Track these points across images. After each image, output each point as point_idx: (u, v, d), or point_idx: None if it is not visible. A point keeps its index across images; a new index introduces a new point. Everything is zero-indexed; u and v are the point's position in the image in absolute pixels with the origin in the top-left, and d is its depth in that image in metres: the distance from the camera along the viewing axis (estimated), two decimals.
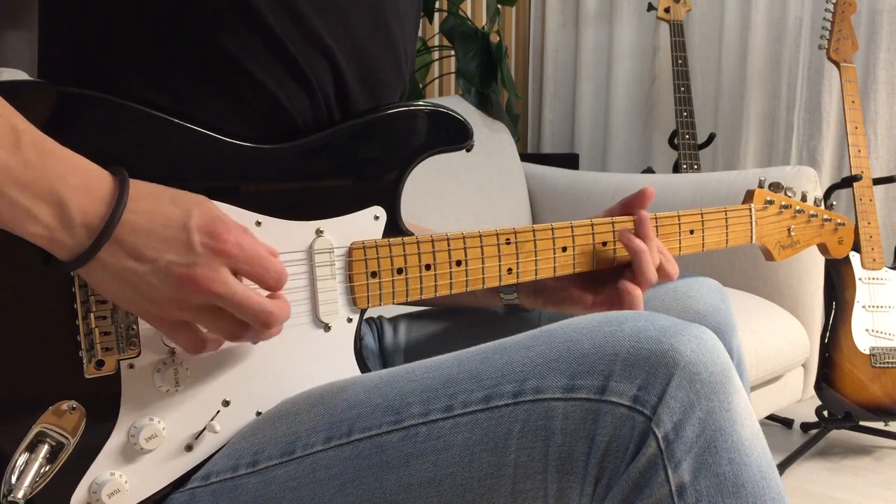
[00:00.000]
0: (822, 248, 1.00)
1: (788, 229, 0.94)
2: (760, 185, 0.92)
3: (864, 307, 1.82)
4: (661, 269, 0.79)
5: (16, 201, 0.50)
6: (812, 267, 1.65)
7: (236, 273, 0.56)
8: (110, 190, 0.54)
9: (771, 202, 0.91)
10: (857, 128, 1.89)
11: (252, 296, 0.56)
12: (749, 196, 0.91)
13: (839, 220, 0.99)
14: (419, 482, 0.56)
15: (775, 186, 0.92)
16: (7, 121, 0.51)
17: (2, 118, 0.51)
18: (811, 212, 0.96)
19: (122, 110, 0.60)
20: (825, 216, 0.97)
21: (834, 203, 1.00)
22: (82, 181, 0.53)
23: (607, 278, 0.80)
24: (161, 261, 0.54)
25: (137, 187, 0.55)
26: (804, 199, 0.97)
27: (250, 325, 0.58)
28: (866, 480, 1.77)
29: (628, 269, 0.78)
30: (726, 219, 0.86)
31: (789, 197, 0.94)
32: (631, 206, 0.81)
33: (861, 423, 1.87)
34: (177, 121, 0.61)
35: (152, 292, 0.54)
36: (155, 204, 0.55)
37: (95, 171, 0.54)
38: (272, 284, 0.58)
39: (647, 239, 0.78)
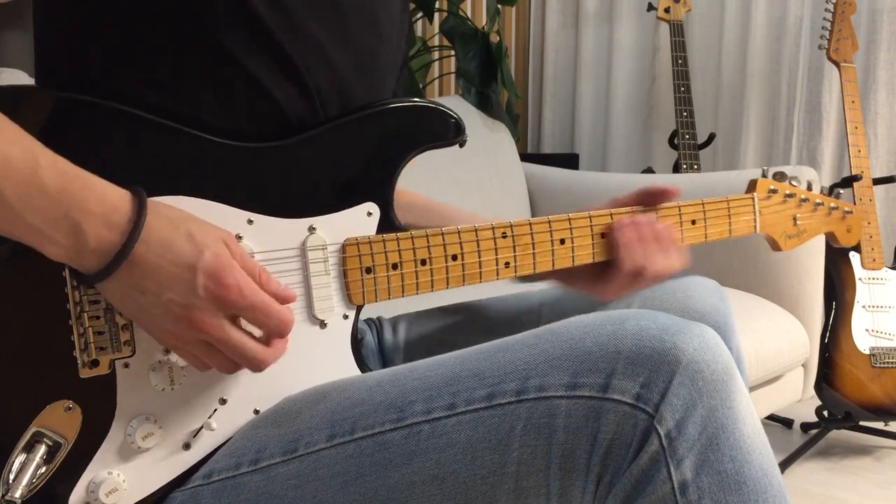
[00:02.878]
0: (831, 237, 0.98)
1: (794, 218, 0.92)
2: (764, 175, 0.91)
3: (864, 307, 1.82)
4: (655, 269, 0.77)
5: (33, 226, 0.52)
6: (812, 267, 1.65)
7: (237, 318, 0.57)
8: (127, 217, 0.54)
9: (774, 191, 0.90)
10: (857, 128, 1.89)
11: (246, 342, 0.57)
12: (752, 186, 0.89)
13: (846, 209, 0.97)
14: (422, 480, 0.56)
15: (779, 176, 0.91)
16: (23, 145, 0.52)
17: (18, 144, 0.52)
18: (817, 200, 0.94)
19: (115, 114, 0.60)
20: (832, 204, 0.96)
21: (841, 192, 0.98)
22: (100, 207, 0.54)
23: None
24: (162, 297, 0.55)
25: (155, 214, 0.56)
26: (810, 188, 0.95)
27: None
28: (866, 480, 1.77)
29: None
30: (728, 208, 0.85)
31: (794, 186, 0.93)
32: (651, 196, 0.81)
33: (861, 423, 1.87)
34: (169, 122, 0.61)
35: (153, 320, 0.56)
36: (170, 235, 0.55)
37: (114, 195, 0.55)
38: (274, 332, 0.59)
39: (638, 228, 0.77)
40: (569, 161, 2.45)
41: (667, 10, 2.20)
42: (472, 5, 2.58)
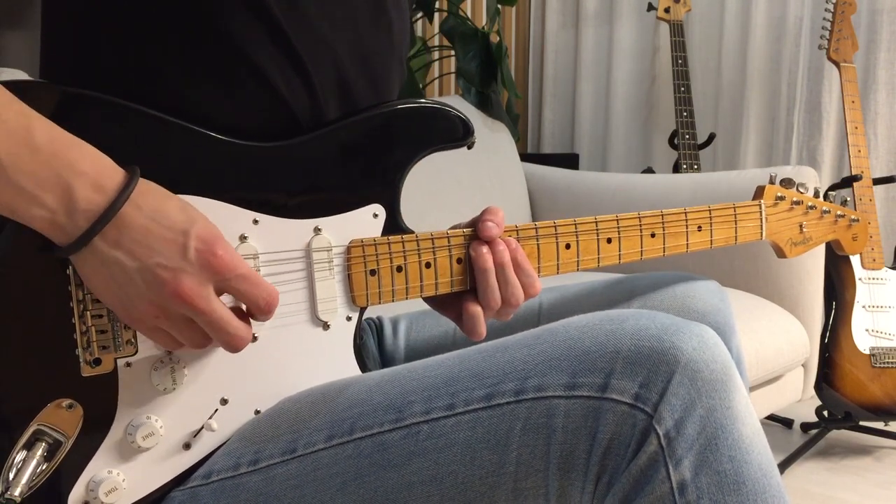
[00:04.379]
0: (836, 245, 0.98)
1: (800, 226, 0.92)
2: (771, 181, 0.90)
3: (864, 307, 1.82)
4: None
5: (22, 188, 0.51)
6: (812, 267, 1.65)
7: (222, 292, 0.56)
8: (119, 182, 0.54)
9: (782, 198, 0.90)
10: (857, 128, 1.89)
11: (230, 319, 0.56)
12: (759, 192, 0.89)
13: (853, 217, 0.97)
14: (421, 480, 0.56)
15: (787, 182, 0.91)
16: (18, 110, 0.52)
17: (10, 106, 0.52)
18: (824, 208, 0.94)
19: (121, 110, 0.60)
20: (838, 212, 0.96)
21: (848, 199, 0.98)
22: (92, 169, 0.53)
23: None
24: (150, 261, 0.54)
25: (148, 185, 0.55)
26: (817, 195, 0.95)
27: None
28: (866, 480, 1.77)
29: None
30: (735, 215, 0.85)
31: (801, 193, 0.92)
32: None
33: (861, 423, 1.87)
34: (174, 119, 0.61)
35: (134, 292, 0.54)
36: (162, 203, 0.55)
37: (107, 162, 0.55)
38: (262, 305, 0.58)
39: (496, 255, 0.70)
40: (569, 161, 2.45)
41: (667, 10, 2.20)
42: (472, 5, 2.58)
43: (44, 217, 0.52)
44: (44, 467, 0.57)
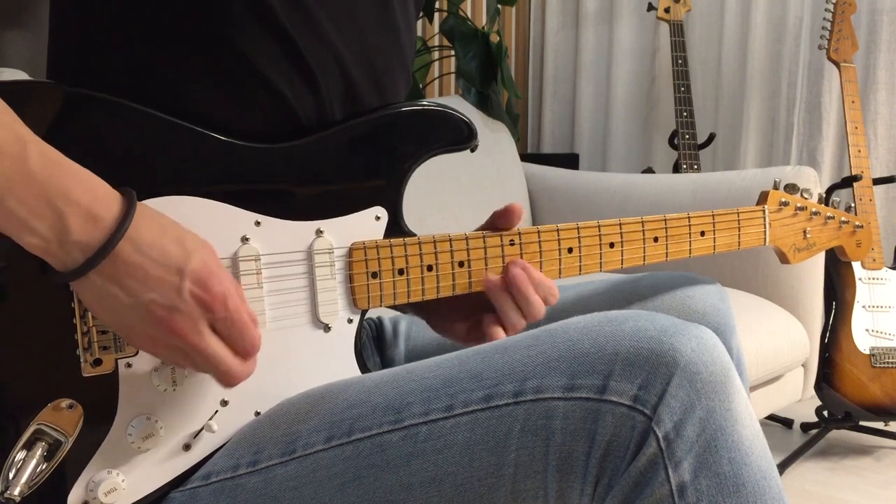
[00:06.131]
0: (840, 251, 0.98)
1: (804, 231, 0.92)
2: (775, 187, 0.90)
3: (864, 307, 1.82)
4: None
5: (14, 213, 0.50)
6: (812, 267, 1.65)
7: (213, 328, 0.56)
8: (115, 213, 0.53)
9: (786, 203, 0.90)
10: (857, 128, 1.89)
11: (223, 356, 0.56)
12: (763, 197, 0.89)
13: (857, 223, 0.97)
14: (419, 482, 0.56)
15: (791, 188, 0.91)
16: (13, 130, 0.51)
17: (8, 128, 0.51)
18: (828, 214, 0.94)
19: (125, 111, 0.60)
20: (843, 218, 0.95)
21: (852, 205, 0.98)
22: (87, 198, 0.52)
23: (484, 306, 0.74)
24: (144, 298, 0.53)
25: (144, 215, 0.55)
26: (821, 200, 0.95)
27: None
28: (866, 480, 1.77)
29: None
30: (738, 220, 0.85)
31: (805, 199, 0.92)
32: (501, 221, 0.75)
33: (861, 423, 1.87)
34: (177, 121, 0.61)
35: (130, 323, 0.54)
36: (158, 237, 0.54)
37: (103, 190, 0.54)
38: (241, 353, 0.57)
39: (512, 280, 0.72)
40: (569, 161, 2.45)
41: (667, 10, 2.20)
42: (472, 5, 2.58)
43: (37, 245, 0.51)
44: (43, 467, 0.57)
